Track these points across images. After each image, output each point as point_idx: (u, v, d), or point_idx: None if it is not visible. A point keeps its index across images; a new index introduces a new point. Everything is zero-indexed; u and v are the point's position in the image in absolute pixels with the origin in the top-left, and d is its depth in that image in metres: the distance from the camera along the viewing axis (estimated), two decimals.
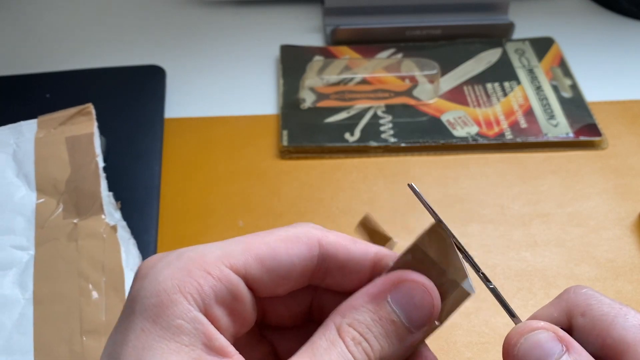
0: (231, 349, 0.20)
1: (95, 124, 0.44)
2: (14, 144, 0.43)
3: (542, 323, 0.21)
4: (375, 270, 0.23)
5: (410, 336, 0.21)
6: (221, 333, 0.20)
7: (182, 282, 0.19)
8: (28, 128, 0.44)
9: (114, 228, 0.39)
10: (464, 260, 0.23)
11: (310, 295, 0.24)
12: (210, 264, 0.20)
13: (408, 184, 0.23)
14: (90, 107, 0.44)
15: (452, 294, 0.22)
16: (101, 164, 0.42)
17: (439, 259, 0.22)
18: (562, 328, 0.21)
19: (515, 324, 0.22)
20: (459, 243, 0.23)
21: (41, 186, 0.41)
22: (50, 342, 0.35)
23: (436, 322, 0.22)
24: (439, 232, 0.22)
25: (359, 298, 0.21)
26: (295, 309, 0.24)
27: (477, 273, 0.23)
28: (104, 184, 0.41)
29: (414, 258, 0.22)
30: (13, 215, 0.40)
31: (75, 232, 0.39)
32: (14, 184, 0.41)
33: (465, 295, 0.22)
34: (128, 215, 0.42)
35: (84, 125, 0.43)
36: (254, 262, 0.21)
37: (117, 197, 0.42)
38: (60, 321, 0.36)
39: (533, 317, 0.23)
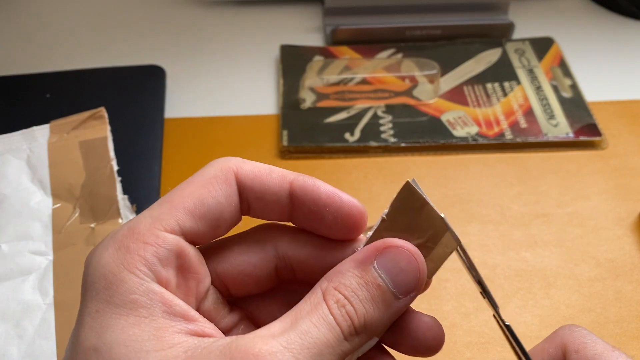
0: (193, 312, 0.20)
1: (109, 127, 0.44)
2: (27, 149, 0.43)
3: None
4: (293, 200, 0.22)
5: (396, 302, 0.21)
6: (179, 296, 0.20)
7: (124, 259, 0.19)
8: (41, 133, 0.44)
9: None
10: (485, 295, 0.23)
11: (272, 261, 0.23)
12: (144, 233, 0.20)
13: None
14: (103, 111, 0.44)
15: (433, 252, 0.22)
16: (116, 168, 0.42)
17: (415, 220, 0.22)
18: None
19: None
20: (478, 273, 0.22)
21: (56, 191, 0.41)
22: None
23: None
24: (411, 193, 0.22)
25: (346, 264, 0.21)
26: (255, 273, 0.23)
27: (493, 309, 0.23)
28: (119, 187, 0.41)
29: (392, 223, 0.22)
30: (30, 220, 0.40)
31: (93, 236, 0.39)
32: (29, 190, 0.41)
33: (447, 250, 0.22)
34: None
35: (97, 129, 0.44)
36: (185, 216, 0.21)
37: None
38: None
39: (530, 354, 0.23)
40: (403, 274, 0.21)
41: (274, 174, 0.23)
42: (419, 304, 0.39)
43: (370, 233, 0.22)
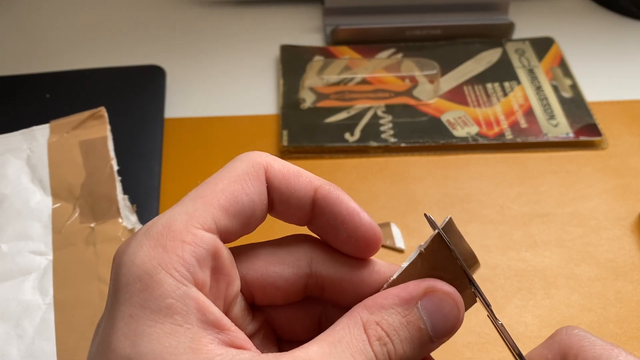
0: (226, 320, 0.19)
1: (109, 127, 0.44)
2: (27, 149, 0.43)
3: None
4: (314, 208, 0.22)
5: (430, 344, 0.21)
6: (210, 299, 0.19)
7: (161, 259, 0.19)
8: (41, 133, 0.44)
9: (131, 231, 0.40)
10: (477, 295, 0.23)
11: (303, 277, 0.23)
12: (181, 231, 0.19)
13: (424, 214, 0.23)
14: (103, 111, 0.44)
15: (467, 290, 0.22)
16: (116, 167, 0.42)
17: (445, 265, 0.22)
18: None
19: None
20: (469, 272, 0.22)
21: (56, 191, 0.41)
22: (74, 348, 0.35)
23: None
24: (439, 244, 0.22)
25: (389, 298, 0.21)
26: (286, 287, 0.23)
27: (486, 308, 0.23)
28: (119, 187, 0.41)
29: (430, 256, 0.22)
30: (30, 220, 0.40)
31: (93, 236, 0.39)
32: (29, 190, 0.41)
33: (471, 301, 0.23)
34: None
35: (97, 129, 0.44)
36: (220, 214, 0.20)
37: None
38: (83, 326, 0.36)
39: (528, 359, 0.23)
40: (444, 319, 0.21)
41: (302, 178, 0.22)
42: None
43: (405, 264, 0.22)
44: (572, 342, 0.22)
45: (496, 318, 0.23)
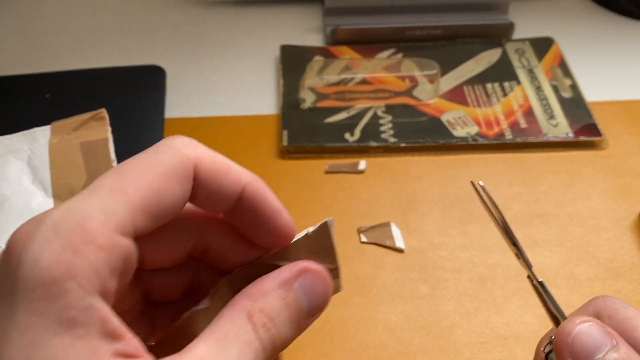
0: (122, 329, 0.18)
1: (109, 129, 0.44)
2: (28, 150, 0.43)
3: (591, 317, 0.24)
4: (238, 202, 0.22)
5: (307, 321, 0.22)
6: (110, 300, 0.18)
7: (71, 265, 0.17)
8: (42, 134, 0.44)
9: None
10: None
11: (191, 241, 0.23)
12: (97, 234, 0.17)
13: (472, 182, 0.25)
14: (104, 112, 0.44)
15: (334, 281, 0.24)
16: None
17: (320, 254, 0.23)
18: None
19: (560, 322, 0.25)
20: (517, 241, 0.23)
21: (58, 192, 0.41)
22: None
23: None
24: (324, 232, 0.23)
25: (269, 282, 0.21)
26: (177, 254, 0.23)
27: (528, 269, 0.26)
28: None
29: (313, 242, 0.23)
30: None
31: None
32: (31, 191, 0.41)
33: (336, 289, 0.24)
34: None
35: (98, 130, 0.44)
36: (140, 216, 0.19)
37: None
38: None
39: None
40: (318, 297, 0.22)
41: (231, 174, 0.22)
42: (420, 304, 0.40)
43: (293, 240, 0.23)
44: (606, 305, 0.24)
45: (535, 277, 0.26)
